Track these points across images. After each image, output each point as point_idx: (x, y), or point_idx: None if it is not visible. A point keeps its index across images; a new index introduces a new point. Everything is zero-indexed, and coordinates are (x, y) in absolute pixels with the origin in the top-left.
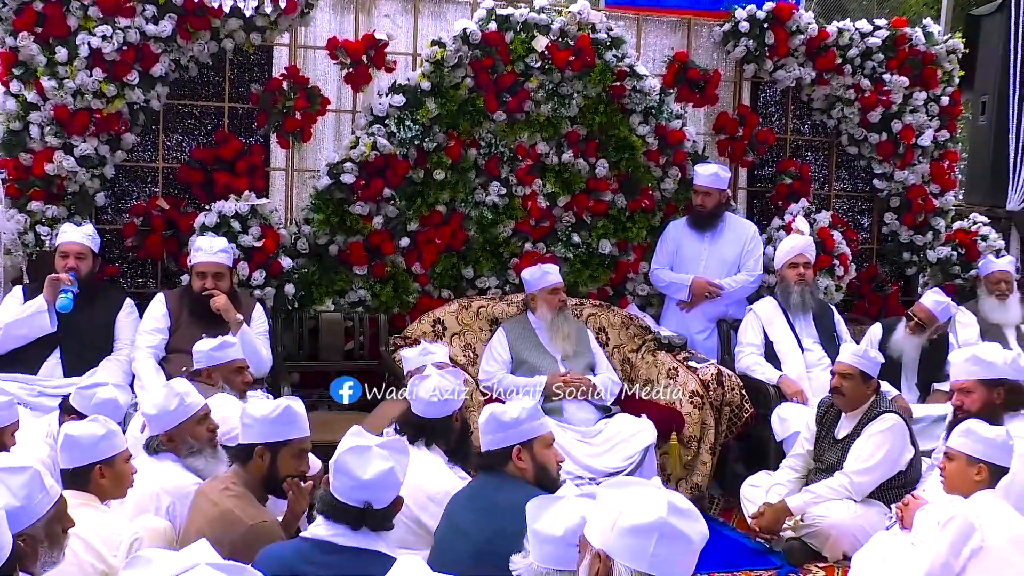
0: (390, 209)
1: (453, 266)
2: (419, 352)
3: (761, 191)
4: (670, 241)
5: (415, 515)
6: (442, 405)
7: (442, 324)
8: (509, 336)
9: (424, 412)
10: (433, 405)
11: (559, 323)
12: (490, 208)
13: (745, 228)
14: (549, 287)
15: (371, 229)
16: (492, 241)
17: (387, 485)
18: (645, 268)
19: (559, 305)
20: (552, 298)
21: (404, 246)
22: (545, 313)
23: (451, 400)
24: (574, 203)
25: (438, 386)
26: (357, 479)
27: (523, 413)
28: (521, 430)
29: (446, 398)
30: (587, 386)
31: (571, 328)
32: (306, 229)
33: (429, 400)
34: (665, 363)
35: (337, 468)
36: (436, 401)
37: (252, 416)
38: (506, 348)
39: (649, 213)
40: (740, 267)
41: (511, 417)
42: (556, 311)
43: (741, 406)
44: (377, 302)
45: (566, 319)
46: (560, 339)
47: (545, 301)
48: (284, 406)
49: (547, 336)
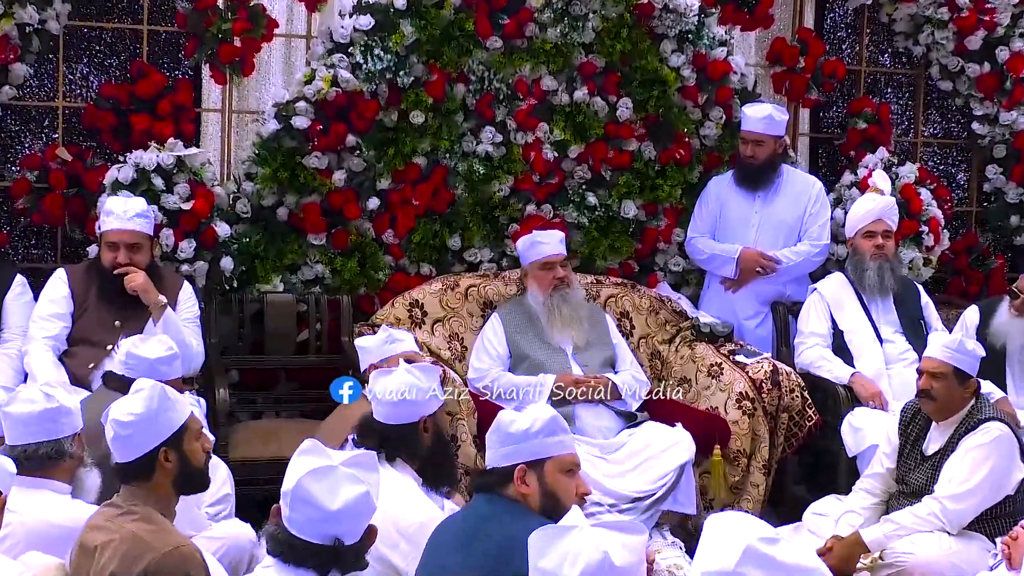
0: (355, 162)
1: (435, 234)
2: (382, 340)
3: (828, 138)
4: (712, 202)
5: (382, 554)
6: (405, 408)
7: (421, 308)
8: (506, 324)
9: (385, 417)
10: (395, 408)
11: (555, 305)
12: (482, 161)
13: (807, 186)
14: (540, 260)
15: (331, 187)
16: (485, 203)
17: (360, 513)
18: (680, 236)
19: (553, 283)
20: (544, 275)
21: (373, 209)
22: (536, 294)
23: (416, 403)
24: (589, 154)
25: (404, 383)
26: (324, 510)
27: (536, 424)
28: (530, 446)
29: (411, 398)
30: (606, 387)
31: (575, 312)
32: (248, 187)
33: (389, 401)
34: (706, 358)
35: (296, 498)
36: (397, 403)
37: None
38: (502, 339)
39: (685, 167)
40: (801, 235)
41: (519, 428)
42: (549, 292)
43: (803, 412)
44: (339, 280)
45: (565, 300)
46: (558, 325)
47: (535, 278)
48: (158, 391)
49: (551, 322)
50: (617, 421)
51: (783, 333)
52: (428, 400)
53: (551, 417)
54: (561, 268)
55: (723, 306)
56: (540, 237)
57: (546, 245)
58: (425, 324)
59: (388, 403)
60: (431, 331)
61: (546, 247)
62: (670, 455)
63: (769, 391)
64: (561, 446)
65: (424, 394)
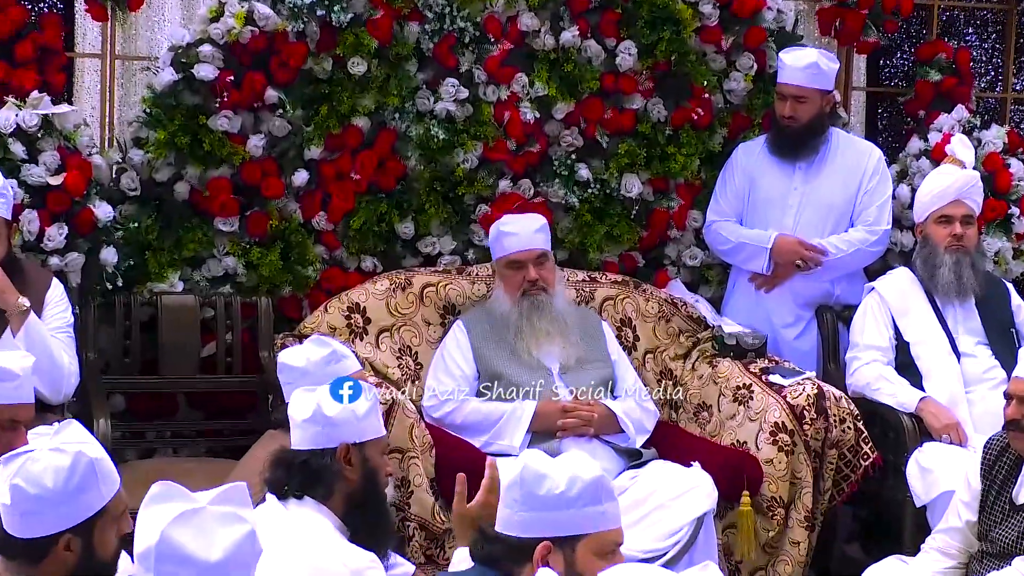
0: (276, 124)
1: (381, 218)
2: (323, 359)
3: (891, 93)
4: (739, 177)
5: None
6: (319, 427)
7: (363, 314)
8: (472, 335)
9: (299, 441)
10: (306, 427)
11: (523, 315)
12: (442, 123)
13: (863, 155)
14: (506, 257)
15: (245, 157)
16: (446, 178)
17: (247, 562)
18: (698, 221)
19: (522, 287)
20: (512, 275)
21: (300, 185)
22: (501, 299)
23: (333, 422)
24: (580, 114)
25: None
26: (202, 564)
27: (575, 487)
28: (565, 516)
29: (328, 414)
30: (602, 417)
31: (552, 325)
32: (136, 156)
33: (301, 419)
34: (731, 377)
35: (164, 557)
36: (309, 419)
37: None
38: (468, 354)
39: (704, 131)
40: (854, 219)
41: (552, 491)
42: (517, 297)
43: (857, 449)
44: (256, 277)
45: (538, 310)
46: (531, 340)
47: (502, 279)
48: (84, 464)
49: (523, 335)
50: (616, 461)
51: (831, 346)
52: (350, 421)
53: (595, 479)
54: (535, 267)
55: (753, 311)
56: (507, 225)
57: (513, 237)
58: (368, 335)
59: (299, 421)
60: (376, 343)
61: (513, 240)
62: (685, 504)
63: (813, 421)
64: (604, 519)
65: (348, 413)
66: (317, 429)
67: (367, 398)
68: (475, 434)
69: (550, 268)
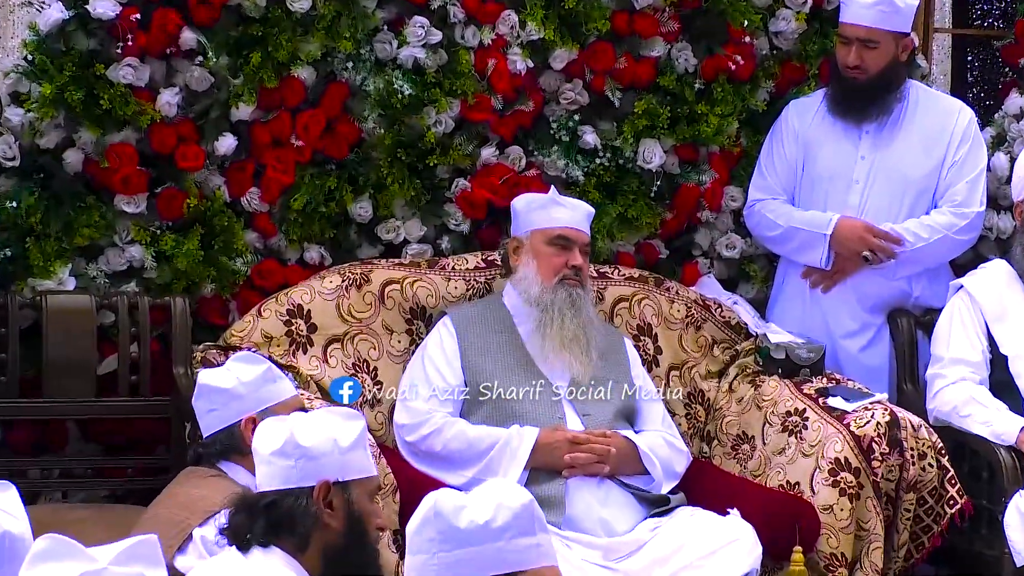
0: (195, 75)
1: (330, 196)
2: (258, 377)
3: (984, 36)
4: (790, 143)
5: None
6: (293, 461)
7: (307, 319)
8: (462, 337)
9: (265, 479)
10: (274, 461)
11: (558, 307)
12: (408, 75)
13: (948, 116)
14: (555, 230)
15: (155, 118)
16: (412, 144)
17: None
18: (737, 200)
19: (564, 272)
20: (555, 256)
21: (225, 154)
22: (531, 283)
23: (311, 453)
24: (586, 63)
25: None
26: None
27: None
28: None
29: (304, 444)
30: (620, 452)
31: (582, 329)
32: (15, 117)
33: (269, 451)
34: (779, 401)
35: None
36: (278, 451)
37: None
38: (455, 362)
39: (744, 84)
40: (938, 198)
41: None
42: (555, 283)
43: (941, 492)
44: (169, 272)
45: (574, 306)
46: (554, 342)
47: (538, 256)
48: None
49: (539, 336)
50: (636, 508)
51: (907, 361)
52: (331, 454)
53: (525, 506)
54: (581, 256)
55: (808, 315)
56: (559, 196)
57: (564, 210)
58: (313, 346)
59: (266, 455)
60: (323, 357)
61: (564, 213)
62: (720, 564)
63: (884, 457)
64: (538, 554)
65: (329, 443)
66: (289, 463)
67: (354, 425)
68: (457, 467)
69: (588, 265)
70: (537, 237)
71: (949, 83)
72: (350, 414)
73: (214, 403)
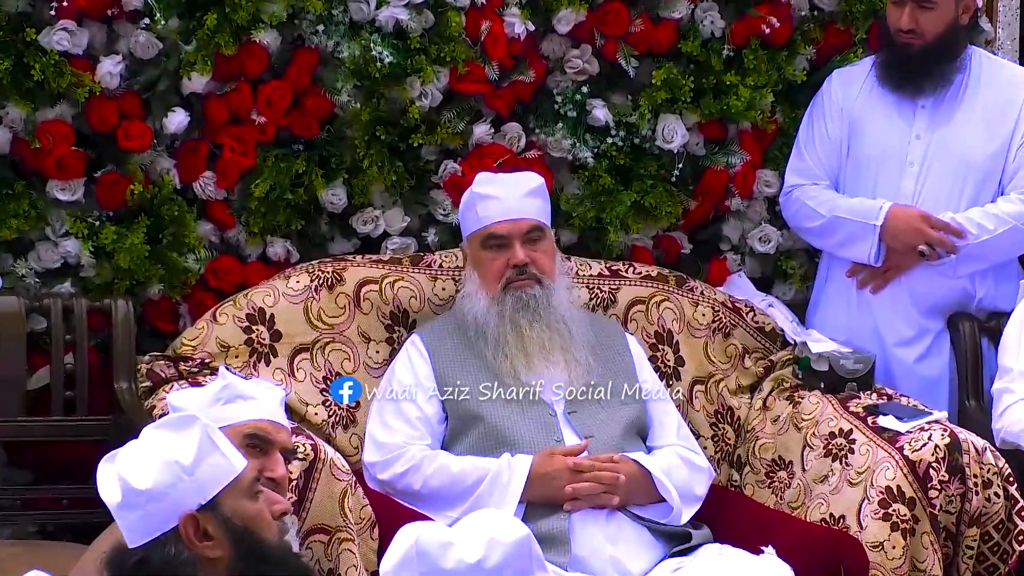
0: (141, 40)
1: (297, 181)
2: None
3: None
4: (833, 119)
5: None
6: (141, 512)
7: (270, 325)
8: (436, 356)
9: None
10: (126, 516)
11: (514, 318)
12: (389, 39)
13: (1017, 88)
14: (484, 229)
15: (94, 90)
16: (393, 121)
17: None
18: (772, 185)
19: (504, 275)
20: (492, 260)
21: (176, 132)
22: (475, 296)
23: (153, 497)
24: (596, 26)
25: (170, 454)
26: None
27: (493, 556)
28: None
29: (141, 490)
30: (630, 479)
31: (556, 333)
32: None
33: (115, 507)
34: (821, 420)
35: None
36: (122, 507)
37: None
38: (429, 386)
39: (780, 51)
40: (1005, 184)
41: (462, 561)
42: (498, 291)
43: (1009, 525)
44: (110, 270)
45: (529, 311)
46: (523, 357)
47: (476, 264)
48: None
49: (503, 355)
50: (653, 545)
51: (970, 374)
52: (178, 481)
53: (520, 541)
54: (524, 247)
55: (855, 320)
56: (484, 185)
57: (492, 202)
58: (278, 356)
59: (114, 508)
60: (290, 369)
61: (493, 205)
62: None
63: (944, 485)
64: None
65: (169, 471)
66: (138, 513)
67: (190, 434)
68: (441, 506)
69: (547, 250)
70: (473, 243)
71: (1018, 50)
72: (180, 422)
73: None
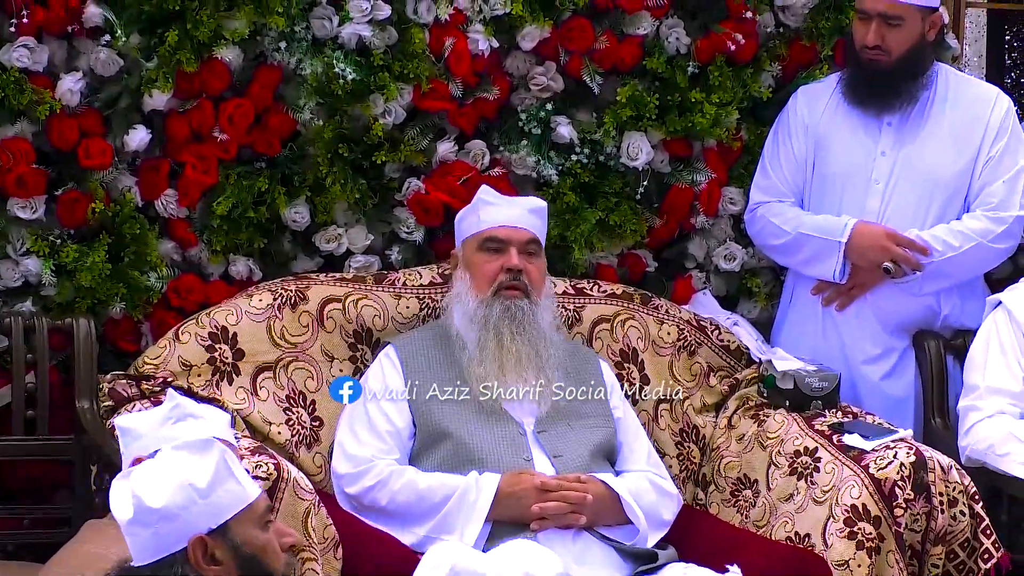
0: (102, 57)
1: (260, 199)
2: (160, 416)
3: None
4: (798, 136)
5: None
6: (153, 529)
7: (232, 344)
8: (408, 369)
9: (136, 554)
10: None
11: (499, 325)
12: (351, 58)
13: (983, 104)
14: (484, 232)
15: (54, 107)
16: (357, 139)
17: None
18: (737, 203)
19: (498, 279)
20: (488, 263)
21: (137, 149)
22: (466, 297)
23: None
24: (559, 42)
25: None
26: None
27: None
28: None
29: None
30: (598, 499)
31: (535, 347)
32: None
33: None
34: (786, 439)
35: None
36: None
37: None
38: (401, 400)
39: (746, 67)
40: (971, 201)
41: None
42: (490, 294)
43: (974, 544)
44: (71, 289)
45: (516, 321)
46: (497, 365)
47: (471, 267)
48: None
49: (477, 363)
50: (619, 564)
51: (935, 391)
52: (192, 504)
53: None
54: (521, 256)
55: (820, 338)
56: (490, 195)
57: (496, 208)
58: (240, 375)
59: (124, 525)
60: (252, 388)
61: (495, 212)
62: None
63: (909, 503)
64: None
65: (184, 494)
66: (149, 532)
67: (208, 458)
68: (408, 523)
69: (540, 267)
70: (469, 246)
71: (984, 66)
72: (201, 445)
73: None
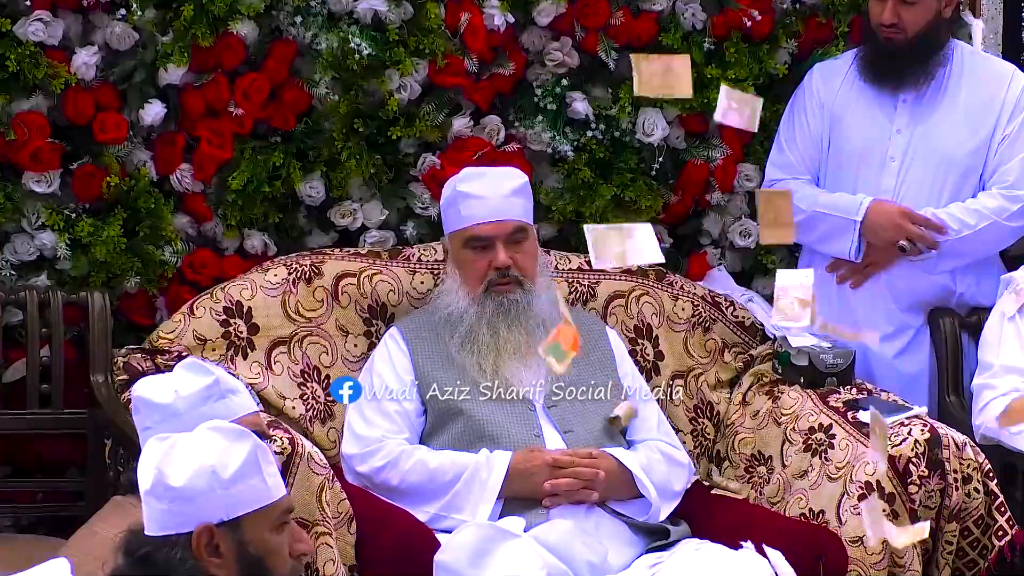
0: (117, 31)
1: (275, 174)
2: (202, 391)
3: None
4: (814, 113)
5: None
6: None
7: (247, 318)
8: (415, 350)
9: (148, 523)
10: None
11: (492, 322)
12: (366, 32)
13: (999, 82)
14: (467, 230)
15: (70, 82)
16: (372, 114)
17: None
18: (752, 179)
19: (486, 277)
20: (475, 261)
21: (152, 124)
22: (455, 294)
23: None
24: (576, 18)
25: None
26: None
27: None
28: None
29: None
30: (609, 474)
31: (532, 336)
32: None
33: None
34: (801, 415)
35: None
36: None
37: None
38: (408, 380)
39: (762, 44)
40: (986, 179)
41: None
42: (479, 293)
43: (988, 521)
44: (86, 263)
45: (508, 316)
46: (491, 357)
47: (458, 264)
48: None
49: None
50: (631, 541)
51: (950, 369)
52: (210, 491)
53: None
54: (507, 248)
55: (835, 316)
56: (468, 183)
57: (476, 201)
58: (255, 350)
59: (143, 493)
60: (267, 363)
61: (476, 205)
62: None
63: (923, 480)
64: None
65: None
66: (162, 507)
67: (240, 448)
68: (419, 501)
69: (529, 251)
70: (455, 241)
71: (1000, 43)
72: (237, 434)
73: (151, 422)
